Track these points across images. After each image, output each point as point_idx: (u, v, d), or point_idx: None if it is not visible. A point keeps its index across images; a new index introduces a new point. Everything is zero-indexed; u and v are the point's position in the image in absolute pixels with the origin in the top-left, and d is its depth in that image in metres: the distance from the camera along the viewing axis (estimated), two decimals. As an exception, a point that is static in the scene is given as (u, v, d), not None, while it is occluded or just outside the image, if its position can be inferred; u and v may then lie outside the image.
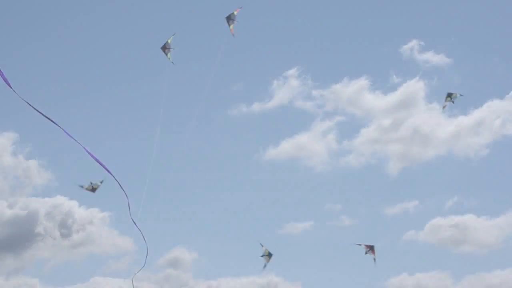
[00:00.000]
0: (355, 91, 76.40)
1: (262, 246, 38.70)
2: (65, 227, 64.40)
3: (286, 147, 75.89)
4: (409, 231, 69.08)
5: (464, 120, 74.07)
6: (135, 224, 23.04)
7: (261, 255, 38.55)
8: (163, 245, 70.00)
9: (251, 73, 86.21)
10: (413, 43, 76.26)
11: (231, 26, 38.83)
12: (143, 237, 23.76)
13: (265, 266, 38.62)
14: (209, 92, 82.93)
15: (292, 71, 77.90)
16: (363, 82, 76.08)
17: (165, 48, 38.38)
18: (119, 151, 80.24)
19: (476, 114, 73.90)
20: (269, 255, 38.71)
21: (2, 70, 14.36)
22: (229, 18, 38.89)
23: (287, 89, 77.20)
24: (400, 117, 75.03)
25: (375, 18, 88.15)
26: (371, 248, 39.65)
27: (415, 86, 74.30)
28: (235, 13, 39.12)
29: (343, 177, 77.53)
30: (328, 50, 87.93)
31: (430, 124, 74.20)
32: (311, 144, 76.21)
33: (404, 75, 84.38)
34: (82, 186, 40.46)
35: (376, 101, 76.47)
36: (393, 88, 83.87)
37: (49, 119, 17.60)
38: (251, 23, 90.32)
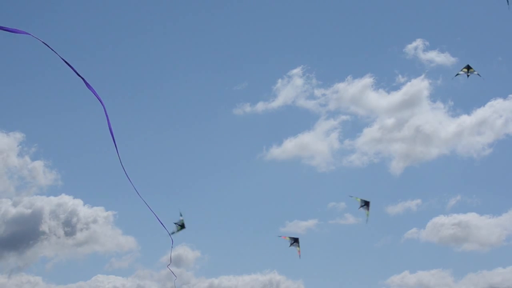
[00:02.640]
0: (359, 91, 76.71)
1: (181, 215, 38.52)
2: (69, 226, 64.55)
3: (289, 146, 76.29)
4: (411, 229, 69.54)
5: (467, 120, 74.38)
6: (172, 273, 24.72)
7: (174, 222, 38.31)
8: (166, 243, 70.47)
9: (256, 72, 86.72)
10: (418, 42, 76.62)
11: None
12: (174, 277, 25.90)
13: (172, 233, 38.22)
14: (214, 91, 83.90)
15: (297, 70, 78.26)
16: (367, 81, 76.40)
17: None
18: (120, 149, 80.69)
19: (479, 114, 74.24)
20: (182, 226, 38.33)
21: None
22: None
23: (291, 88, 77.58)
24: (404, 116, 75.35)
25: (380, 18, 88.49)
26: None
27: (420, 85, 74.56)
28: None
29: (347, 176, 77.94)
30: (333, 49, 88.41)
31: (433, 124, 74.45)
32: (315, 143, 76.58)
33: (409, 74, 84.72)
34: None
35: (380, 100, 76.78)
36: (397, 87, 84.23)
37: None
38: (256, 23, 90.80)
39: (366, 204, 39.46)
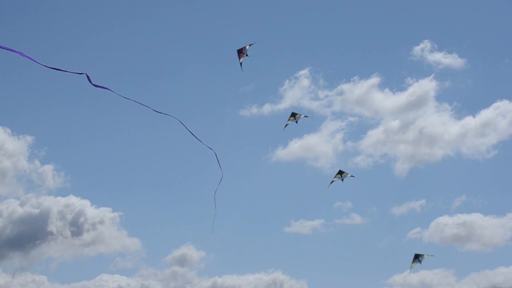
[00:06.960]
0: (366, 92, 76.98)
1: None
2: (76, 226, 64.80)
3: (295, 147, 76.68)
4: (415, 229, 69.97)
5: (471, 121, 74.65)
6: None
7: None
8: (171, 243, 71.01)
9: (262, 74, 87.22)
10: (426, 43, 76.87)
11: (241, 59, 39.46)
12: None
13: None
14: (221, 92, 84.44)
15: (304, 71, 78.66)
16: (375, 84, 76.64)
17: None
18: (122, 147, 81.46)
19: (483, 115, 74.50)
20: None
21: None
22: (240, 51, 39.66)
23: (298, 89, 77.94)
24: (409, 118, 75.60)
25: (388, 19, 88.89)
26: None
27: (426, 87, 74.75)
28: (247, 47, 39.67)
29: (352, 177, 78.20)
30: (340, 51, 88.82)
31: (438, 125, 74.75)
32: (320, 145, 76.92)
33: (416, 76, 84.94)
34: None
35: (385, 102, 77.05)
36: (404, 88, 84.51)
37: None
38: (262, 24, 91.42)
39: (416, 257, 40.59)
